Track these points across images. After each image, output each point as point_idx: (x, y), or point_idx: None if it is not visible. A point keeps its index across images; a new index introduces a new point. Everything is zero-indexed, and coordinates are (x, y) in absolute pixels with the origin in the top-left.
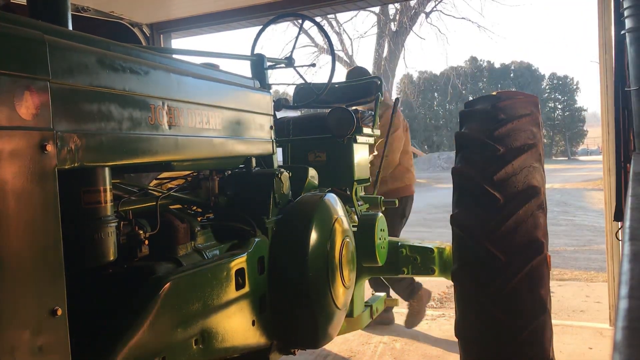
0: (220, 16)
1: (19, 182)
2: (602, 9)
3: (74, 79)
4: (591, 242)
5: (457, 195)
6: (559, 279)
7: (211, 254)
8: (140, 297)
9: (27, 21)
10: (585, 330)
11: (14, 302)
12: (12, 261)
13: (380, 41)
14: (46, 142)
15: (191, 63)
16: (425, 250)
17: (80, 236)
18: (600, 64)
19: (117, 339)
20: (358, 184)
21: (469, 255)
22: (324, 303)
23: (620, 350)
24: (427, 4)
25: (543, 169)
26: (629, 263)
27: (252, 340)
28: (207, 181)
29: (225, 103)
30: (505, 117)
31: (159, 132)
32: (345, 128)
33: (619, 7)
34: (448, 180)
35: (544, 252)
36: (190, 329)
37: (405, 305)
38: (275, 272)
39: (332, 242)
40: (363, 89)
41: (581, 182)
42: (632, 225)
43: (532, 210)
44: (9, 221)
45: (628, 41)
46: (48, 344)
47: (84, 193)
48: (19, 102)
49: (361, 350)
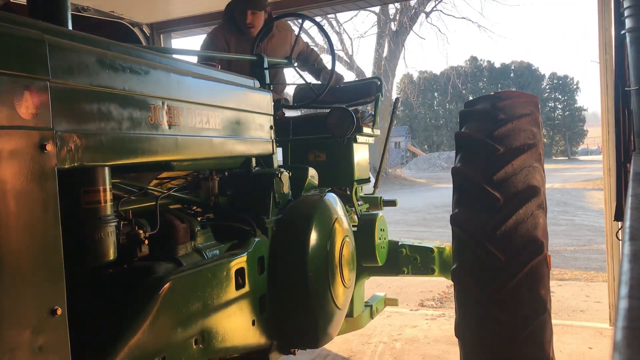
0: (220, 16)
1: (18, 182)
2: (602, 9)
3: (74, 78)
4: (591, 242)
5: (457, 195)
6: (559, 279)
7: (211, 254)
8: (140, 297)
9: (27, 21)
10: (585, 330)
11: (14, 302)
12: (12, 261)
13: (380, 41)
14: (46, 141)
15: (191, 63)
16: (425, 250)
17: (80, 236)
18: (600, 63)
19: (117, 339)
20: (358, 183)
21: (469, 255)
22: (324, 303)
23: (620, 350)
24: (427, 4)
25: (543, 169)
26: (629, 263)
27: (252, 340)
28: (207, 181)
29: (225, 103)
30: (505, 117)
31: (159, 132)
32: (345, 128)
33: (619, 7)
34: (448, 180)
35: (544, 252)
36: (190, 329)
37: (405, 305)
38: (275, 272)
39: (332, 242)
40: (363, 89)
41: (581, 182)
42: (632, 225)
43: (532, 210)
44: (9, 221)
45: (628, 41)
46: (48, 343)
47: (83, 193)
48: (18, 101)
49: (361, 350)
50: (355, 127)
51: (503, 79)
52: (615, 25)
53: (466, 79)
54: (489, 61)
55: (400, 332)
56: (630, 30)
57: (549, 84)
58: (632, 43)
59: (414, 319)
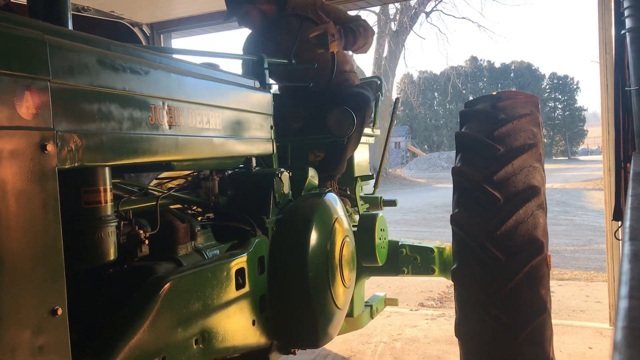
0: (220, 16)
1: (19, 182)
2: (602, 9)
3: (75, 78)
4: (591, 242)
5: (457, 195)
6: (559, 279)
7: (211, 254)
8: (140, 297)
9: (27, 21)
10: (585, 330)
11: (15, 302)
12: (13, 261)
13: (380, 41)
14: (46, 142)
15: (191, 63)
16: (425, 250)
17: (81, 236)
18: (600, 63)
19: (117, 338)
20: (362, 180)
21: (469, 255)
22: (324, 303)
23: (620, 350)
24: (427, 4)
25: (543, 169)
26: (629, 263)
27: (252, 340)
28: (207, 181)
29: (225, 103)
30: (506, 117)
31: (159, 132)
32: (345, 128)
33: (619, 7)
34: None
35: (544, 251)
36: (190, 329)
37: (405, 305)
38: (275, 272)
39: (332, 241)
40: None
41: (581, 182)
42: (632, 225)
43: (532, 210)
44: (9, 221)
45: (628, 41)
46: (48, 343)
47: (84, 193)
48: (19, 101)
49: (361, 350)
50: (355, 127)
51: (503, 79)
52: (615, 25)
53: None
54: (489, 61)
55: (400, 332)
56: (630, 30)
57: (549, 84)
58: (632, 43)
59: (414, 319)
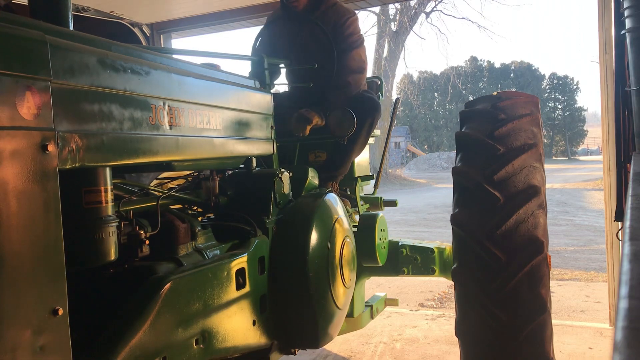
0: (220, 16)
1: (20, 182)
2: (602, 9)
3: (75, 79)
4: (591, 242)
5: (457, 194)
6: (559, 279)
7: (211, 254)
8: (141, 297)
9: (28, 21)
10: (585, 330)
11: (15, 302)
12: (14, 261)
13: (380, 41)
14: (47, 142)
15: (191, 63)
16: (426, 250)
17: (82, 236)
18: (600, 64)
19: (117, 338)
20: (362, 180)
21: (469, 255)
22: (324, 303)
23: (620, 350)
24: (427, 4)
25: (543, 169)
26: (629, 263)
27: (253, 340)
28: (208, 181)
29: (225, 103)
30: (506, 117)
31: (160, 132)
32: (345, 128)
33: (619, 7)
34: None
35: (544, 251)
36: (191, 329)
37: (405, 305)
38: (275, 272)
39: (332, 242)
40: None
41: (581, 182)
42: (633, 225)
43: (532, 210)
44: (10, 221)
45: (628, 41)
46: (49, 343)
47: (85, 193)
48: (20, 102)
49: (361, 350)
50: (355, 127)
51: (503, 79)
52: (615, 25)
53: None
54: (489, 61)
55: (400, 332)
56: (630, 30)
57: (549, 84)
58: (632, 43)
59: (414, 319)
